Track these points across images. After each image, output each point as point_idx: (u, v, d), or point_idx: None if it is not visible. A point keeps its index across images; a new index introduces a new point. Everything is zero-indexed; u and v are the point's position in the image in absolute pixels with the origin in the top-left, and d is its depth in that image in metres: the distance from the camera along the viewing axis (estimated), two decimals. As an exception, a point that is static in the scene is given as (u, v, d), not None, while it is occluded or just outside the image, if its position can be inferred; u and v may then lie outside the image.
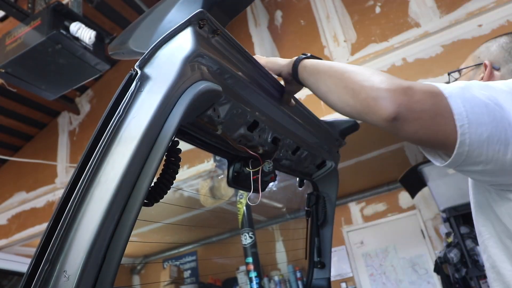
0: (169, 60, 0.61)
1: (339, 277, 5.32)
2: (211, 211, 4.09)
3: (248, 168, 0.93)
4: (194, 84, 0.63)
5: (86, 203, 0.53)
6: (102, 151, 0.55)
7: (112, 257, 0.52)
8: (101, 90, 4.57)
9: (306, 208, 1.36)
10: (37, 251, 0.52)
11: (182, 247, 6.42)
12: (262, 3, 3.74)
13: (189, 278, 6.21)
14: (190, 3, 0.66)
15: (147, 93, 0.59)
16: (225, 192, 3.47)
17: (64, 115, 4.73)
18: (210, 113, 0.72)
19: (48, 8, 2.41)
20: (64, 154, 4.46)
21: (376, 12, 3.15)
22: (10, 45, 2.48)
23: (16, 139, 4.83)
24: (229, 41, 0.70)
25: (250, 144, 0.90)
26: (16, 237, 4.36)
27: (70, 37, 2.42)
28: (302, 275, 5.38)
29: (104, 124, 0.57)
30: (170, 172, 0.68)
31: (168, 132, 0.58)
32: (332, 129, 1.22)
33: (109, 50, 0.75)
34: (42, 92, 2.76)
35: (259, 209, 4.87)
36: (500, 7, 2.69)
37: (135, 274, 6.73)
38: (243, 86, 0.77)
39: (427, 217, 5.12)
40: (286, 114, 0.95)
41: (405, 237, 5.18)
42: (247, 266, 2.77)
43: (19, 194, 4.59)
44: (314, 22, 3.39)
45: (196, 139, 0.81)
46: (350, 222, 5.60)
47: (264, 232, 5.85)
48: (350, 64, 0.71)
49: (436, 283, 4.80)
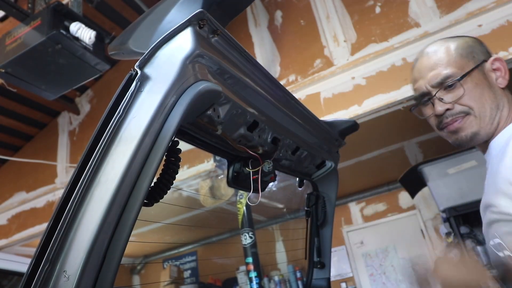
0: (169, 60, 0.61)
1: (339, 277, 5.32)
2: (211, 211, 4.09)
3: (248, 168, 0.93)
4: (194, 84, 0.63)
5: (86, 203, 0.53)
6: (102, 151, 0.55)
7: (112, 257, 0.52)
8: (101, 90, 4.57)
9: (306, 208, 1.36)
10: (37, 251, 0.52)
11: (182, 247, 6.42)
12: (262, 3, 3.74)
13: (189, 278, 6.21)
14: (190, 3, 0.66)
15: (147, 93, 0.59)
16: (225, 192, 3.47)
17: (64, 115, 4.73)
18: (210, 113, 0.72)
19: (48, 8, 2.41)
20: (64, 154, 4.46)
21: (376, 12, 3.15)
22: (10, 45, 2.48)
23: (16, 139, 4.83)
24: (229, 41, 0.70)
25: (250, 144, 0.90)
26: (16, 237, 4.36)
27: (70, 37, 2.42)
28: (302, 275, 5.38)
29: (104, 124, 0.57)
30: (170, 172, 0.68)
31: (168, 132, 0.58)
32: (332, 129, 1.22)
33: (109, 50, 0.75)
34: (42, 92, 2.76)
35: (259, 209, 4.87)
36: (500, 7, 2.69)
37: (135, 274, 6.73)
38: (243, 86, 0.78)
39: (427, 217, 5.12)
40: (286, 114, 0.95)
41: (405, 237, 5.18)
42: (247, 266, 2.77)
43: (19, 194, 4.59)
44: (314, 22, 3.39)
45: (196, 139, 0.81)
46: (350, 222, 5.60)
47: (264, 232, 5.85)
48: None
49: (436, 283, 4.79)
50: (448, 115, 0.93)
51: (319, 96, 3.11)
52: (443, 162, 3.27)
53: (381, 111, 2.94)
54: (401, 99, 2.80)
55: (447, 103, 0.92)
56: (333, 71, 3.13)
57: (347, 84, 3.05)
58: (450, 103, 0.92)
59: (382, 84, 2.89)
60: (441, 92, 0.93)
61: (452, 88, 0.92)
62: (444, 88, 0.93)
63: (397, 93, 2.81)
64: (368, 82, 2.97)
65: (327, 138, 1.20)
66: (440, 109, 0.93)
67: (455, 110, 0.92)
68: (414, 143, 4.38)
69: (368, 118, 3.00)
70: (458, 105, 0.91)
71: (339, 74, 3.10)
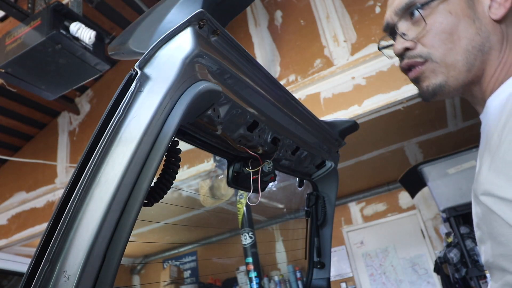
0: (169, 60, 0.61)
1: (339, 277, 5.32)
2: (211, 211, 4.09)
3: (248, 168, 0.93)
4: (194, 84, 0.63)
5: (86, 203, 0.53)
6: (102, 151, 0.55)
7: (112, 257, 0.52)
8: (101, 90, 4.57)
9: (305, 208, 1.36)
10: (37, 251, 0.52)
11: (182, 247, 6.43)
12: (262, 3, 3.74)
13: (189, 278, 6.21)
14: (190, 3, 0.66)
15: (147, 93, 0.59)
16: (225, 192, 3.47)
17: (64, 115, 4.73)
18: (210, 113, 0.72)
19: (48, 8, 2.41)
20: (64, 154, 4.46)
21: (376, 12, 3.15)
22: (10, 45, 2.48)
23: (16, 139, 4.83)
24: (229, 41, 0.70)
25: (249, 144, 0.90)
26: (16, 237, 4.36)
27: (70, 37, 2.42)
28: (302, 275, 5.39)
29: (104, 124, 0.57)
30: (170, 172, 0.68)
31: (168, 132, 0.58)
32: (332, 129, 1.22)
33: (109, 50, 0.75)
34: (42, 92, 2.76)
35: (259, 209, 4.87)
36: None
37: (135, 274, 6.74)
38: (243, 86, 0.78)
39: (427, 217, 5.12)
40: (286, 114, 0.95)
41: (405, 237, 5.19)
42: (247, 266, 2.78)
43: (19, 194, 4.59)
44: (314, 22, 3.39)
45: (196, 139, 0.81)
46: (350, 222, 5.60)
47: (264, 232, 5.85)
48: None
49: (436, 283, 4.80)
50: (407, 57, 0.71)
51: (319, 96, 3.11)
52: (443, 162, 3.27)
53: (381, 111, 2.94)
54: (401, 99, 2.80)
55: (408, 41, 0.70)
56: (333, 71, 3.13)
57: (347, 84, 3.05)
58: (412, 40, 0.69)
59: (382, 84, 2.89)
60: (405, 25, 0.71)
61: (416, 20, 0.69)
62: (411, 20, 0.70)
63: (397, 93, 2.81)
64: (368, 82, 2.97)
65: (327, 138, 1.20)
66: (398, 47, 0.72)
67: (415, 51, 0.70)
68: (414, 143, 4.38)
69: (368, 118, 3.00)
70: (419, 44, 0.69)
71: (339, 74, 3.11)
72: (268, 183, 1.03)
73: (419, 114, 3.60)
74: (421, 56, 0.69)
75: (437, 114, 3.73)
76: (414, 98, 2.80)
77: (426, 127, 4.01)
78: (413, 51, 0.70)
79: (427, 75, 0.69)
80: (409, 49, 0.70)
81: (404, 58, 0.72)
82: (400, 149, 4.49)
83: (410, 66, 0.72)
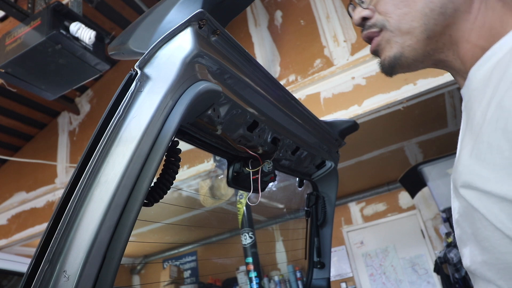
0: (169, 60, 0.61)
1: (339, 277, 5.33)
2: (211, 211, 4.09)
3: (248, 168, 0.93)
4: (194, 84, 0.63)
5: (86, 203, 0.53)
6: (102, 151, 0.55)
7: (112, 257, 0.52)
8: (101, 90, 4.57)
9: (305, 208, 1.36)
10: (37, 251, 0.52)
11: (182, 247, 6.43)
12: (262, 3, 3.74)
13: (189, 278, 6.21)
14: (190, 3, 0.66)
15: (147, 93, 0.59)
16: (225, 192, 3.47)
17: (64, 115, 4.73)
18: (210, 113, 0.72)
19: (48, 8, 2.41)
20: (64, 154, 4.46)
21: (376, 12, 3.15)
22: (10, 45, 2.48)
23: (16, 139, 4.83)
24: (229, 41, 0.70)
25: (249, 144, 0.90)
26: (16, 237, 4.36)
27: (70, 37, 2.42)
28: (302, 275, 5.39)
29: (104, 124, 0.57)
30: (170, 172, 0.68)
31: (168, 132, 0.58)
32: (332, 129, 1.22)
33: (109, 50, 0.75)
34: (42, 92, 2.76)
35: (259, 209, 4.87)
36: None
37: (135, 274, 6.74)
38: (243, 86, 0.78)
39: (427, 217, 5.13)
40: (286, 114, 0.95)
41: (405, 237, 5.19)
42: (247, 266, 2.78)
43: (19, 194, 4.59)
44: (314, 22, 3.39)
45: (196, 139, 0.81)
46: (350, 222, 5.60)
47: (264, 232, 5.85)
48: None
49: (436, 283, 4.80)
50: (365, 28, 0.64)
51: (319, 96, 3.11)
52: (443, 162, 3.27)
53: (381, 111, 2.94)
54: (401, 99, 2.80)
55: (366, 9, 0.63)
56: (333, 71, 3.13)
57: (347, 84, 3.05)
58: (369, 8, 0.63)
59: (382, 84, 2.89)
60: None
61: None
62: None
63: (397, 93, 2.81)
64: (368, 82, 2.97)
65: (327, 138, 1.20)
66: (355, 17, 0.65)
67: (371, 20, 0.63)
68: (414, 143, 4.38)
69: (368, 118, 3.00)
70: (377, 13, 0.62)
71: (339, 74, 3.11)
72: (268, 183, 1.03)
73: (419, 114, 3.60)
74: (376, 25, 0.62)
75: (437, 114, 3.74)
76: (414, 98, 2.80)
77: (426, 127, 4.02)
78: (371, 20, 0.63)
79: (383, 46, 0.62)
80: (367, 18, 0.63)
81: (364, 29, 0.64)
82: (400, 149, 4.50)
83: (369, 38, 0.64)
